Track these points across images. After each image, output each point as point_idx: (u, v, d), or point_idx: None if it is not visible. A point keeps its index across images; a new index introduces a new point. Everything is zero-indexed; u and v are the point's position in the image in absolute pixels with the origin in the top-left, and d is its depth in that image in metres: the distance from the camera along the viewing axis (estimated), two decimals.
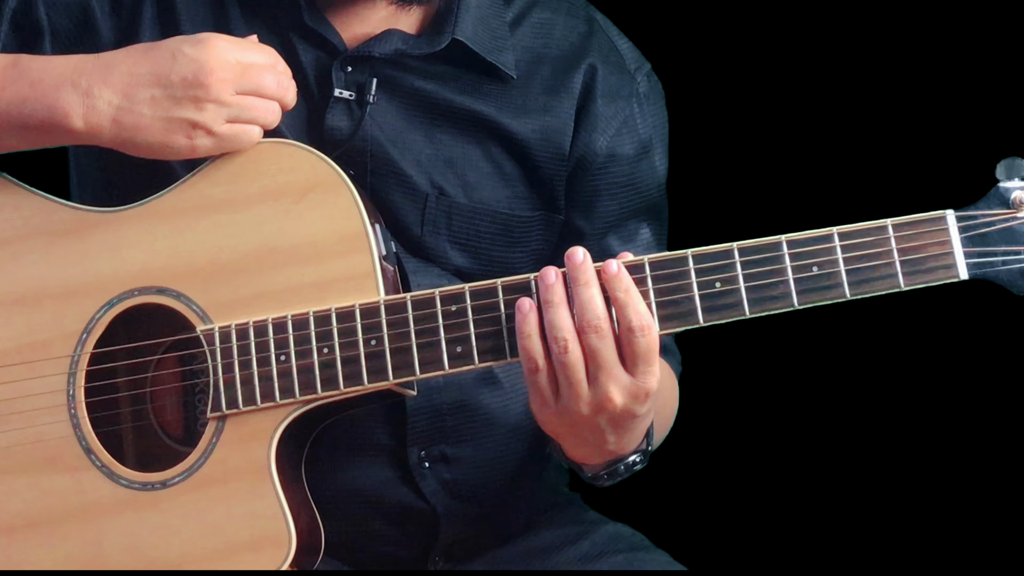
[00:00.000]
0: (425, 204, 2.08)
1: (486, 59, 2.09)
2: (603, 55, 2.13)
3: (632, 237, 2.15)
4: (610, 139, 2.12)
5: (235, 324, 1.95)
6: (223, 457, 1.95)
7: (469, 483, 2.09)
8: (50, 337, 1.99)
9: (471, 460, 2.10)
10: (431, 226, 2.08)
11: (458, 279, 2.08)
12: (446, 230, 2.09)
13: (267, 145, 1.99)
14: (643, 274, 1.90)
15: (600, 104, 2.12)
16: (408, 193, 2.08)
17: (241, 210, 1.98)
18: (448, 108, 2.09)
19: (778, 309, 1.89)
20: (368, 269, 1.95)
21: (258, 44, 1.99)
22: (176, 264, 1.98)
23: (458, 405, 2.09)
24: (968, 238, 1.87)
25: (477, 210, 2.09)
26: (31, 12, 2.07)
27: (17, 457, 1.97)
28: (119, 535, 1.95)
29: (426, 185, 2.08)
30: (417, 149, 2.08)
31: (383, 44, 2.08)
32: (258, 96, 1.96)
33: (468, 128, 2.10)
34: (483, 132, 2.10)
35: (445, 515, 2.08)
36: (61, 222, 2.01)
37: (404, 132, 2.08)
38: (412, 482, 2.07)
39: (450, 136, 2.09)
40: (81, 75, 1.97)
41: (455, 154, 2.09)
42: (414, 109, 2.09)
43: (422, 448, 2.07)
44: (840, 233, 1.89)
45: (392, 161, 2.07)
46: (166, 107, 1.95)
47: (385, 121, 2.08)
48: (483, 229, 2.10)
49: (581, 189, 2.12)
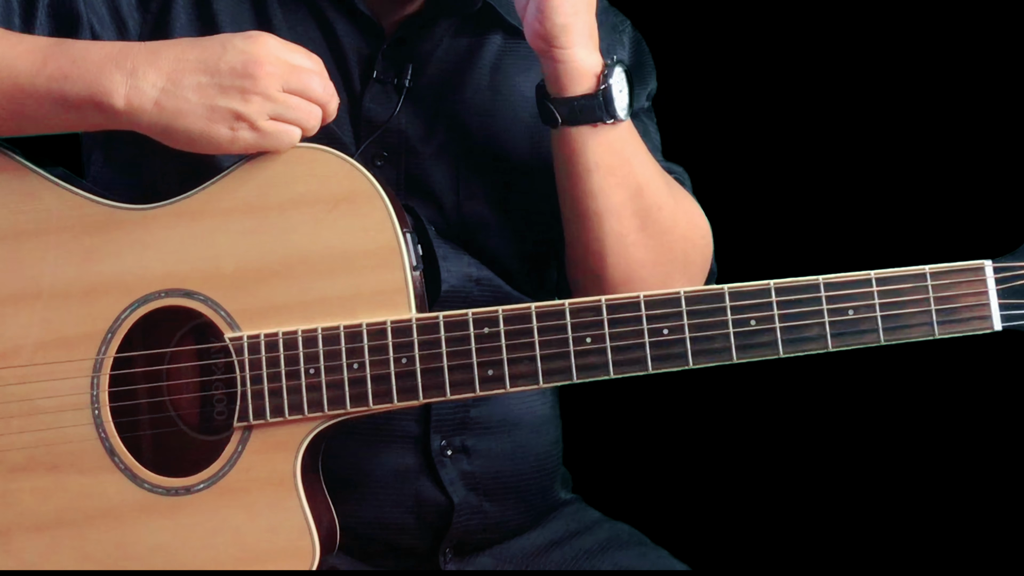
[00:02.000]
0: (458, 172, 2.09)
1: (511, 23, 2.12)
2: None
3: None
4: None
5: (264, 334, 1.94)
6: (248, 466, 1.94)
7: (486, 476, 2.12)
8: (74, 335, 1.96)
9: (490, 454, 2.13)
10: (467, 191, 2.10)
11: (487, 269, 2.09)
12: (480, 191, 2.10)
13: (302, 151, 1.96)
14: (679, 308, 1.90)
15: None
16: (442, 165, 2.09)
17: (272, 216, 1.95)
18: (479, 79, 2.11)
19: (812, 350, 1.90)
20: (400, 285, 1.94)
21: (307, 51, 1.97)
22: (204, 267, 1.95)
23: (483, 398, 2.10)
24: (1004, 290, 1.88)
25: (508, 167, 2.11)
26: (68, 1, 2.02)
27: (40, 456, 1.96)
28: (142, 539, 1.95)
29: (461, 153, 2.09)
30: (450, 122, 2.10)
31: (421, 21, 2.09)
32: (303, 98, 1.94)
33: (499, 100, 2.11)
34: (513, 102, 2.12)
35: (460, 506, 2.11)
36: (86, 217, 1.97)
37: (437, 112, 2.10)
38: (432, 471, 2.10)
39: (480, 103, 2.11)
40: (127, 56, 1.93)
41: (485, 120, 2.11)
42: (447, 89, 2.10)
43: (444, 437, 2.09)
44: (878, 278, 1.89)
45: (425, 139, 2.09)
46: (212, 95, 1.92)
47: (419, 102, 2.09)
48: (513, 181, 2.12)
49: None
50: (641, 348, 1.91)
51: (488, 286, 2.11)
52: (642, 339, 1.91)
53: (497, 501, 2.15)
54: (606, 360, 1.91)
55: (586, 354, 1.91)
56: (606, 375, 1.91)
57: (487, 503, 2.14)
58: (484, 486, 2.13)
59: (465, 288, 2.08)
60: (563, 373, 1.91)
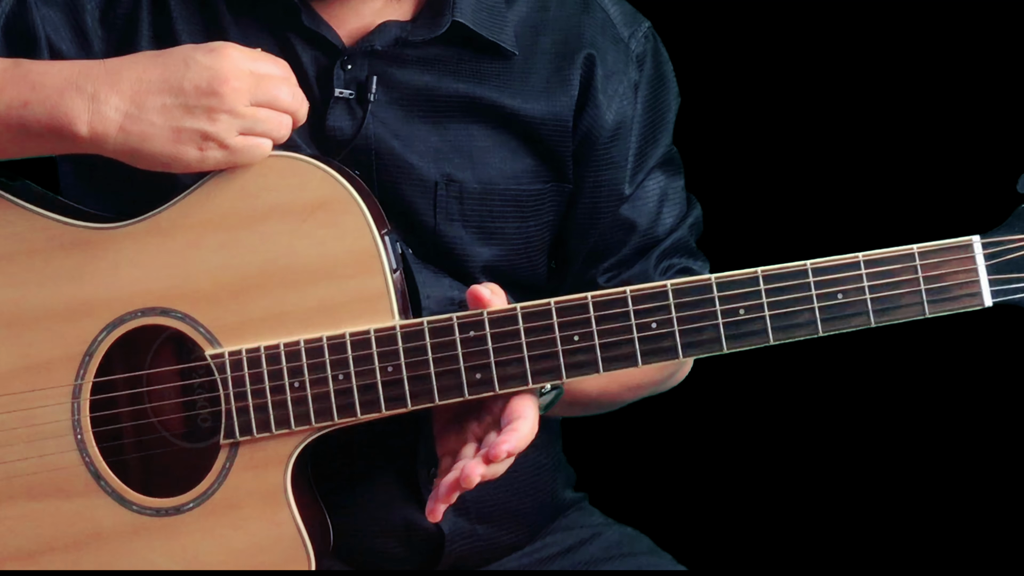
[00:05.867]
0: (435, 193, 2.02)
1: (488, 38, 2.02)
2: (599, 30, 2.08)
3: (644, 193, 2.12)
4: (615, 112, 2.08)
5: (246, 349, 1.90)
6: (237, 483, 1.91)
7: (477, 501, 2.06)
8: (51, 360, 1.92)
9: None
10: (444, 213, 2.03)
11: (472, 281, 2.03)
12: (459, 216, 2.03)
13: (273, 159, 1.90)
14: (666, 301, 1.87)
15: (600, 82, 2.06)
16: (417, 185, 2.02)
17: (247, 227, 1.91)
18: (449, 97, 2.02)
19: (802, 336, 1.88)
20: (381, 290, 1.90)
21: (271, 56, 1.90)
22: (180, 284, 1.91)
23: None
24: (993, 265, 1.86)
25: (487, 191, 2.04)
26: (25, 17, 1.96)
27: (26, 484, 1.92)
28: (134, 562, 1.92)
29: (434, 174, 2.02)
30: (421, 140, 2.02)
31: (383, 36, 2.00)
32: (272, 108, 1.88)
33: (471, 112, 2.03)
34: (487, 114, 2.04)
35: (451, 534, 2.06)
36: (56, 239, 1.92)
37: (406, 125, 2.01)
38: (419, 500, 2.04)
39: (453, 122, 2.03)
40: (87, 79, 1.87)
41: (460, 139, 2.03)
42: (415, 102, 2.02)
43: (431, 466, 2.03)
44: (866, 260, 1.86)
45: (397, 156, 2.01)
46: (177, 116, 1.86)
47: (386, 116, 2.01)
48: (495, 208, 2.05)
49: (589, 161, 2.08)
50: (630, 344, 1.88)
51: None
52: (631, 334, 1.88)
53: (490, 523, 2.10)
54: (595, 357, 1.88)
55: (575, 352, 1.88)
56: (596, 372, 1.89)
57: (479, 527, 2.09)
58: (475, 510, 2.08)
59: (447, 312, 2.01)
60: (552, 373, 1.88)
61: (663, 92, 2.12)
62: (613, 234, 2.10)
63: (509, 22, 2.04)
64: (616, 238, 2.10)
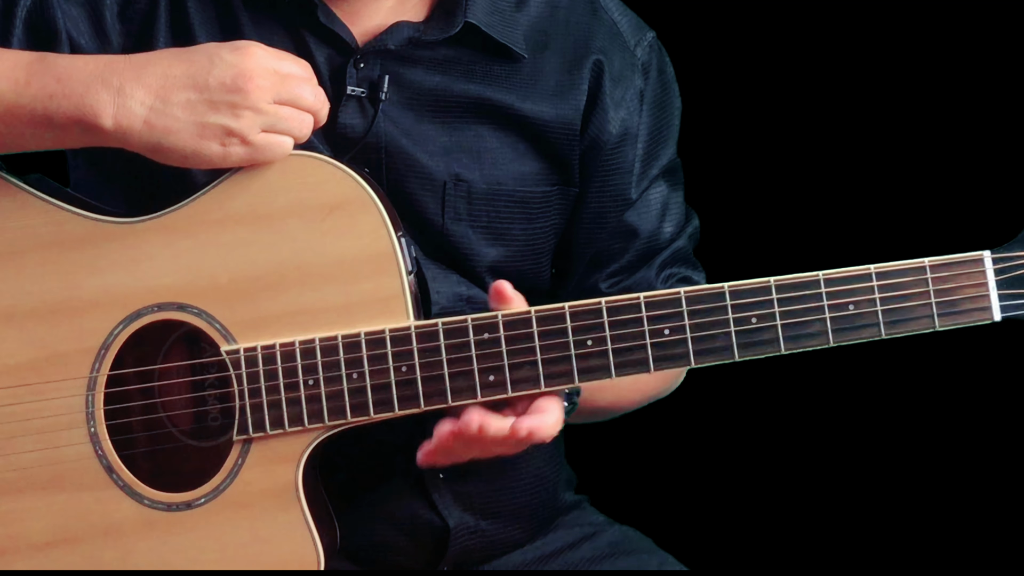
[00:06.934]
0: (444, 192, 2.04)
1: (499, 41, 2.05)
2: (607, 37, 2.11)
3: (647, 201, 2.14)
4: (622, 119, 2.10)
5: (261, 346, 1.91)
6: (249, 479, 1.92)
7: (483, 497, 2.09)
8: (66, 353, 1.93)
9: (487, 474, 2.08)
10: (452, 213, 2.05)
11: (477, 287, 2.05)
12: (467, 216, 2.05)
13: (293, 159, 1.92)
14: (679, 308, 1.89)
15: (608, 88, 2.09)
16: (426, 184, 2.04)
17: (265, 225, 1.92)
18: (459, 98, 2.05)
19: (813, 346, 1.90)
20: (396, 291, 1.92)
21: (294, 56, 1.93)
22: (197, 280, 1.92)
23: None
24: (1003, 280, 1.88)
25: (495, 192, 2.06)
26: (47, 11, 1.97)
27: (38, 476, 1.93)
28: (145, 556, 1.93)
29: (443, 173, 2.04)
30: (431, 139, 2.04)
31: (395, 36, 2.03)
32: (294, 107, 1.90)
33: (480, 114, 2.06)
34: (496, 116, 2.06)
35: (456, 529, 2.08)
36: (74, 232, 1.94)
37: (416, 125, 2.04)
38: (426, 494, 2.06)
39: (463, 123, 2.05)
40: (113, 73, 1.89)
41: (469, 139, 2.06)
42: (425, 102, 2.04)
43: None
44: (878, 272, 1.89)
45: (407, 155, 2.03)
46: (202, 112, 1.88)
47: (397, 115, 2.03)
48: (502, 209, 2.07)
49: (596, 166, 2.11)
50: (643, 349, 1.90)
51: (479, 304, 2.05)
52: (643, 340, 1.90)
53: (495, 519, 2.11)
54: (607, 362, 1.90)
55: (587, 356, 1.90)
56: (608, 377, 1.90)
57: (484, 522, 2.10)
58: (480, 506, 2.10)
59: (456, 308, 2.03)
60: (565, 376, 1.90)
61: (667, 101, 2.15)
62: (615, 240, 2.13)
63: (519, 25, 2.08)
64: (618, 244, 2.13)
